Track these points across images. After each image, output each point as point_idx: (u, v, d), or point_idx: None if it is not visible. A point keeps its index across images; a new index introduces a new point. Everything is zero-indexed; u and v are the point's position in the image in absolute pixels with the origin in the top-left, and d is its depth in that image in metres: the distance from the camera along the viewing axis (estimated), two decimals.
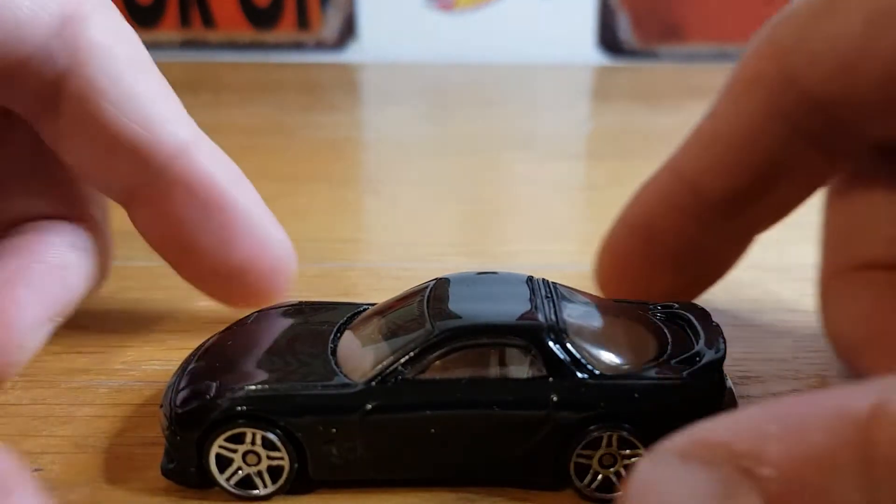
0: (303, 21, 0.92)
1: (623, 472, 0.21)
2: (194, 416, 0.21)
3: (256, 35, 0.91)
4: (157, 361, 0.28)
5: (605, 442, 0.21)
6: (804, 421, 0.15)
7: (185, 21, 0.91)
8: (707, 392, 0.22)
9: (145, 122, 0.25)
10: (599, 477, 0.21)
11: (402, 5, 0.91)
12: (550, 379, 0.21)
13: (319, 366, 0.22)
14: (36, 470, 0.22)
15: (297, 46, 0.91)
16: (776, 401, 0.16)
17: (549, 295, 0.23)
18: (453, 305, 0.23)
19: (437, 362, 0.21)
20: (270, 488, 0.22)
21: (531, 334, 0.21)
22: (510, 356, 0.21)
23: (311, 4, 0.91)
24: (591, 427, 0.21)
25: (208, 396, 0.21)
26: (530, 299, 0.23)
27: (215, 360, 0.23)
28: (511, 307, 0.22)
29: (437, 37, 0.90)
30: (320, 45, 0.92)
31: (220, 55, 0.87)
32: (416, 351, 0.21)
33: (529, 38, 0.89)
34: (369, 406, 0.21)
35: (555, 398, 0.21)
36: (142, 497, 0.21)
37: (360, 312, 0.25)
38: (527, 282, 0.24)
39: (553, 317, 0.22)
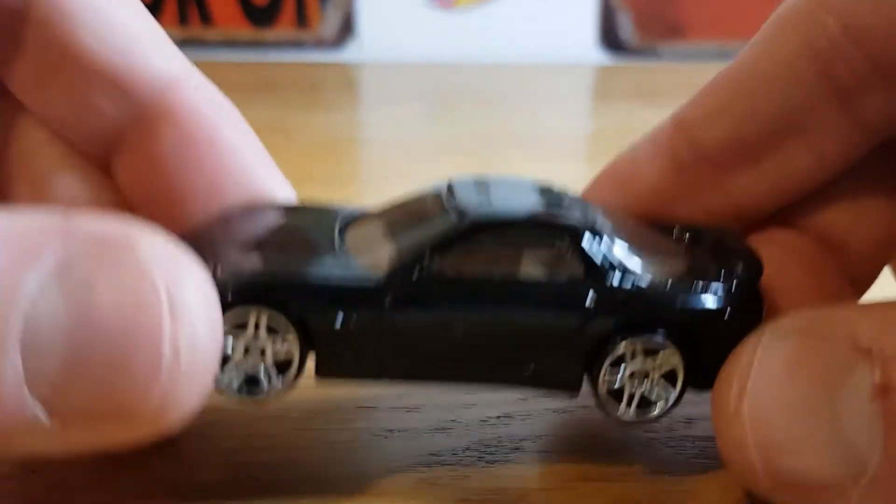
0: (302, 19, 0.92)
1: (657, 383, 0.20)
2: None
3: (255, 33, 0.90)
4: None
5: (632, 354, 0.20)
6: None
7: (182, 19, 0.91)
8: (744, 307, 0.21)
9: (126, 51, 0.23)
10: (635, 397, 0.21)
11: (401, 3, 0.91)
12: (587, 282, 0.20)
13: (330, 254, 0.20)
14: (33, 471, 0.22)
15: (296, 44, 0.91)
16: (891, 299, 0.18)
17: (578, 202, 0.22)
18: (478, 199, 0.21)
19: (465, 258, 0.20)
20: (276, 384, 0.19)
21: (570, 233, 0.20)
22: (545, 255, 0.20)
23: (310, 2, 0.91)
24: (628, 332, 0.20)
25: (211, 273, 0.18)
26: (559, 201, 0.21)
27: (206, 244, 0.20)
28: (541, 205, 0.21)
29: (436, 35, 0.90)
30: (319, 44, 0.91)
31: (218, 53, 0.87)
32: (444, 241, 0.19)
33: (530, 37, 0.88)
34: (390, 298, 0.19)
35: (591, 300, 0.20)
36: (140, 498, 0.21)
37: (360, 214, 0.23)
38: (549, 188, 0.22)
39: (588, 219, 0.21)
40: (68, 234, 0.16)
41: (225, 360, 0.19)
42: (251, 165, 0.24)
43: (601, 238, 0.20)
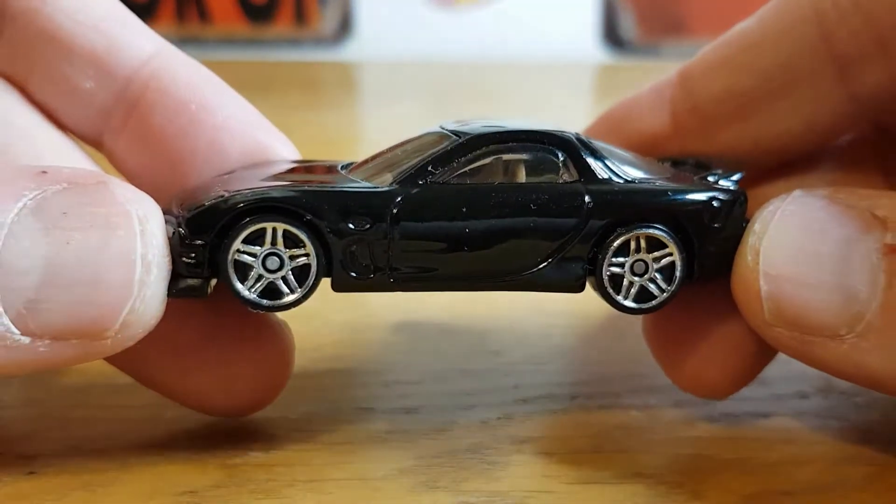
0: (300, 17, 0.91)
1: (657, 275, 0.22)
2: (208, 214, 0.20)
3: (253, 31, 0.90)
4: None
5: (635, 245, 0.22)
6: None
7: (180, 16, 0.91)
8: (730, 201, 0.22)
9: (101, 30, 0.24)
10: (634, 286, 0.22)
11: (400, 2, 0.91)
12: (583, 183, 0.21)
13: (339, 180, 0.22)
14: (29, 473, 0.22)
15: (295, 43, 0.91)
16: None
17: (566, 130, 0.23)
18: (475, 126, 0.22)
19: (466, 169, 0.21)
20: (298, 293, 0.20)
21: (563, 142, 0.22)
22: (541, 164, 0.22)
23: (309, 0, 0.91)
24: (625, 227, 0.21)
25: (224, 196, 0.20)
26: (548, 125, 0.23)
27: (211, 188, 0.21)
28: (534, 125, 0.23)
29: (436, 34, 0.89)
30: (318, 42, 0.91)
31: (216, 52, 0.86)
32: (445, 154, 0.21)
33: (531, 35, 0.88)
34: (397, 204, 0.20)
35: (588, 199, 0.21)
36: (137, 501, 0.21)
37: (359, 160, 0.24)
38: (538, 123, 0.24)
39: (579, 134, 0.23)
40: (45, 179, 0.19)
41: (246, 270, 0.20)
42: (246, 121, 0.24)
43: (591, 147, 0.22)
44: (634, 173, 0.22)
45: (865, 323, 0.20)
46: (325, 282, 0.21)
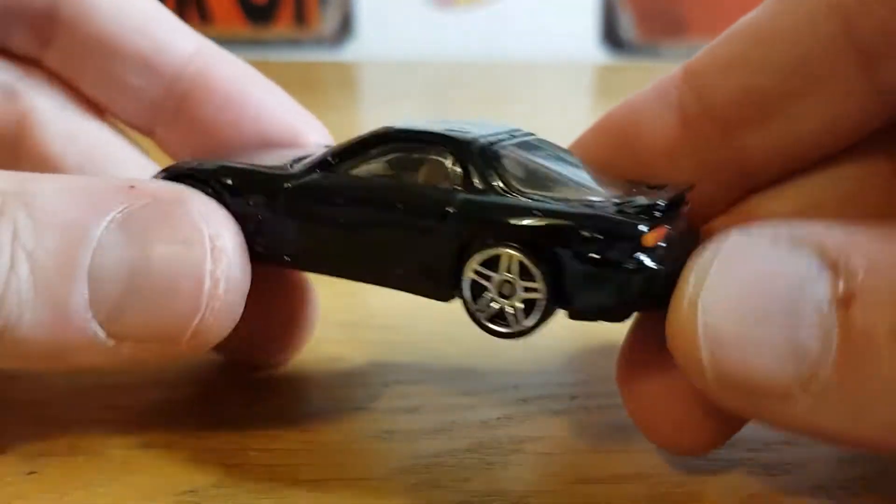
0: (300, 17, 0.91)
1: (518, 306, 0.20)
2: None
3: (253, 32, 0.90)
4: (153, 363, 0.28)
5: (505, 265, 0.20)
6: (892, 232, 0.17)
7: (181, 17, 0.91)
8: (612, 229, 0.19)
9: (146, 32, 0.26)
10: (493, 304, 0.20)
11: (400, 2, 0.91)
12: (457, 190, 0.21)
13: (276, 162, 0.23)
14: (30, 473, 0.22)
15: (295, 43, 0.91)
16: (857, 219, 0.18)
17: (515, 135, 0.23)
18: (413, 123, 0.23)
19: (370, 163, 0.22)
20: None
21: (457, 148, 0.21)
22: (434, 167, 0.21)
23: (309, 1, 0.91)
24: (487, 240, 0.20)
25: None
26: (492, 130, 0.22)
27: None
28: (466, 132, 0.22)
29: (436, 34, 0.89)
30: (318, 42, 0.91)
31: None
32: (348, 145, 0.22)
33: (530, 36, 0.88)
34: (289, 185, 0.22)
35: (453, 209, 0.21)
36: (138, 500, 0.21)
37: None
38: (508, 130, 0.23)
39: (491, 140, 0.22)
40: (133, 194, 0.21)
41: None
42: (284, 110, 0.27)
43: (488, 156, 0.21)
44: (538, 191, 0.21)
45: (820, 382, 0.17)
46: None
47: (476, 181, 0.21)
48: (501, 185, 0.21)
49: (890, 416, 0.17)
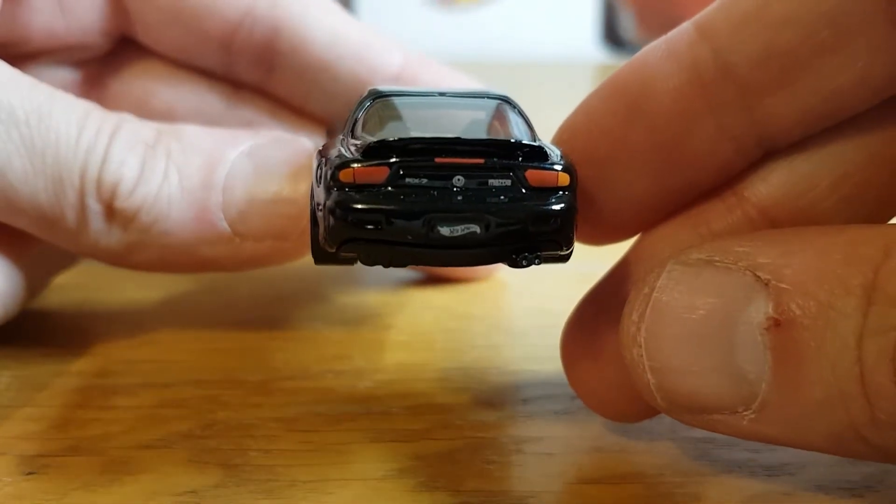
0: None
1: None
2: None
3: None
4: (153, 363, 0.28)
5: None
6: (824, 248, 0.18)
7: None
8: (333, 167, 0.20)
9: (361, 58, 0.31)
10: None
11: (401, 2, 0.91)
12: None
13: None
14: (29, 473, 0.22)
15: None
16: (796, 228, 0.19)
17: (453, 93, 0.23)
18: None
19: None
20: None
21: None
22: None
23: None
24: None
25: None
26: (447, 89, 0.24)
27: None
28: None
29: (436, 34, 0.89)
30: None
31: None
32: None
33: (531, 35, 0.88)
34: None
35: None
36: (137, 502, 0.21)
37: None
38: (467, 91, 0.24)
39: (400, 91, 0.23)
40: (257, 134, 0.27)
41: None
42: (371, 43, 0.32)
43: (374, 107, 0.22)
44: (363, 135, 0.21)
45: (760, 401, 0.18)
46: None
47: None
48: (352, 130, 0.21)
49: (829, 429, 0.18)
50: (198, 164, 0.26)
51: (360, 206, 0.19)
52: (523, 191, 0.20)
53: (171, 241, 0.26)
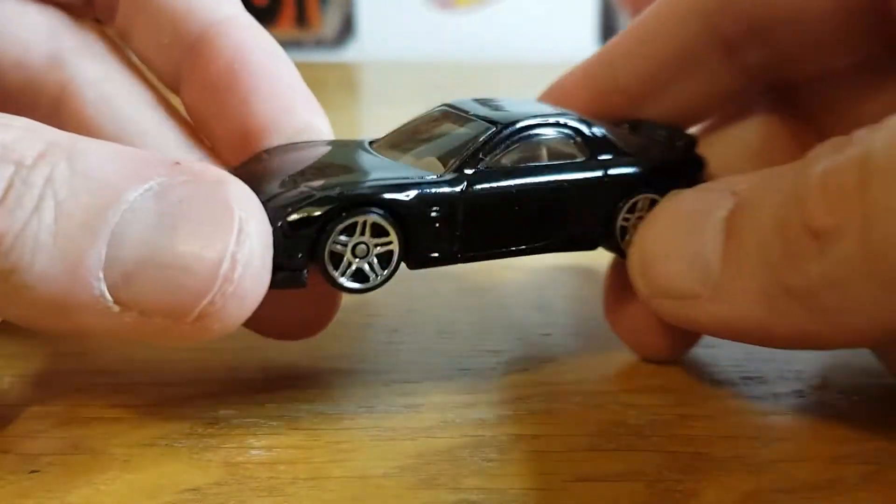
0: (302, 19, 0.92)
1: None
2: (309, 214, 0.22)
3: None
4: (155, 361, 0.28)
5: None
6: (779, 169, 0.23)
7: None
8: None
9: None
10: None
11: (401, 3, 0.91)
12: (597, 157, 0.26)
13: (393, 168, 0.24)
14: (32, 472, 0.22)
15: (296, 44, 0.91)
16: (772, 168, 0.24)
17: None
18: (491, 110, 0.27)
19: (503, 155, 0.25)
20: (381, 276, 0.23)
21: (574, 123, 0.26)
22: (559, 144, 0.26)
23: (310, 3, 0.91)
24: (636, 192, 0.26)
25: (314, 195, 0.22)
26: (540, 108, 0.27)
27: (272, 178, 0.23)
28: (533, 110, 0.27)
29: (436, 35, 0.90)
30: (319, 44, 0.91)
31: None
32: (489, 142, 0.25)
33: (531, 35, 0.88)
34: (461, 188, 0.24)
35: (604, 171, 0.26)
36: (140, 499, 0.21)
37: (369, 143, 0.27)
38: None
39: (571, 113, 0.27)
40: (176, 169, 0.21)
41: (339, 259, 0.23)
42: (286, 86, 0.27)
43: (592, 124, 0.26)
44: (622, 143, 0.27)
45: (713, 281, 0.23)
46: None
47: (599, 146, 0.26)
48: (614, 142, 0.27)
49: (761, 289, 0.22)
50: (86, 200, 0.20)
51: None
52: None
53: (33, 297, 0.20)
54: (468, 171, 0.24)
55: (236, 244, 0.20)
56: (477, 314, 0.33)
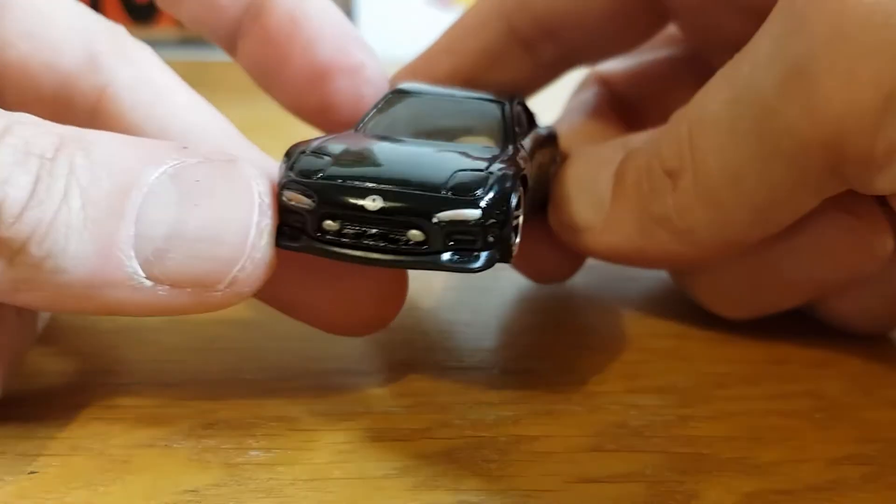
0: None
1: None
2: (509, 192, 0.22)
3: None
4: (154, 362, 0.28)
5: None
6: (666, 127, 0.27)
7: None
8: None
9: None
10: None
11: (400, 2, 0.91)
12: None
13: (481, 150, 0.25)
14: (31, 472, 0.22)
15: None
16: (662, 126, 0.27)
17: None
18: (462, 92, 0.29)
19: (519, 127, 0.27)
20: (516, 246, 0.23)
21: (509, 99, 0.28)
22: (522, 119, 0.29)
23: None
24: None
25: (493, 173, 0.23)
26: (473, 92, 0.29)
27: (414, 168, 0.23)
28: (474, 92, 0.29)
29: (437, 33, 0.89)
30: None
31: (218, 53, 0.87)
32: (511, 117, 0.27)
33: None
34: (525, 167, 0.25)
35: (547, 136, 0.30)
36: (139, 500, 0.21)
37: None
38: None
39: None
40: (185, 153, 0.22)
41: (517, 231, 0.24)
42: (339, 30, 0.31)
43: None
44: None
45: (604, 214, 0.28)
46: None
47: None
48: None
49: (638, 220, 0.27)
50: (108, 185, 0.21)
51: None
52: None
53: (68, 280, 0.21)
54: (516, 146, 0.26)
55: (259, 214, 0.22)
56: (477, 314, 0.33)
